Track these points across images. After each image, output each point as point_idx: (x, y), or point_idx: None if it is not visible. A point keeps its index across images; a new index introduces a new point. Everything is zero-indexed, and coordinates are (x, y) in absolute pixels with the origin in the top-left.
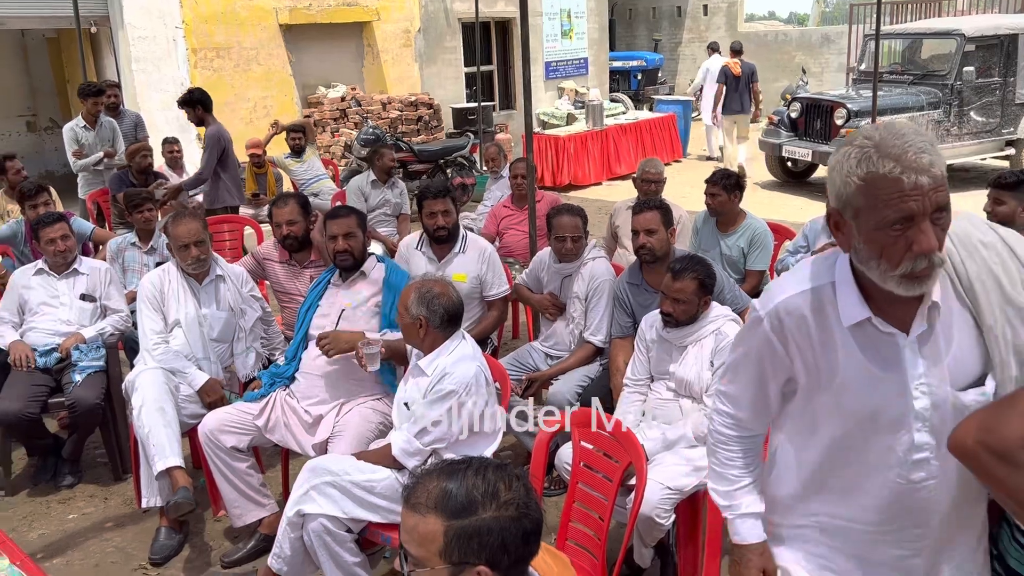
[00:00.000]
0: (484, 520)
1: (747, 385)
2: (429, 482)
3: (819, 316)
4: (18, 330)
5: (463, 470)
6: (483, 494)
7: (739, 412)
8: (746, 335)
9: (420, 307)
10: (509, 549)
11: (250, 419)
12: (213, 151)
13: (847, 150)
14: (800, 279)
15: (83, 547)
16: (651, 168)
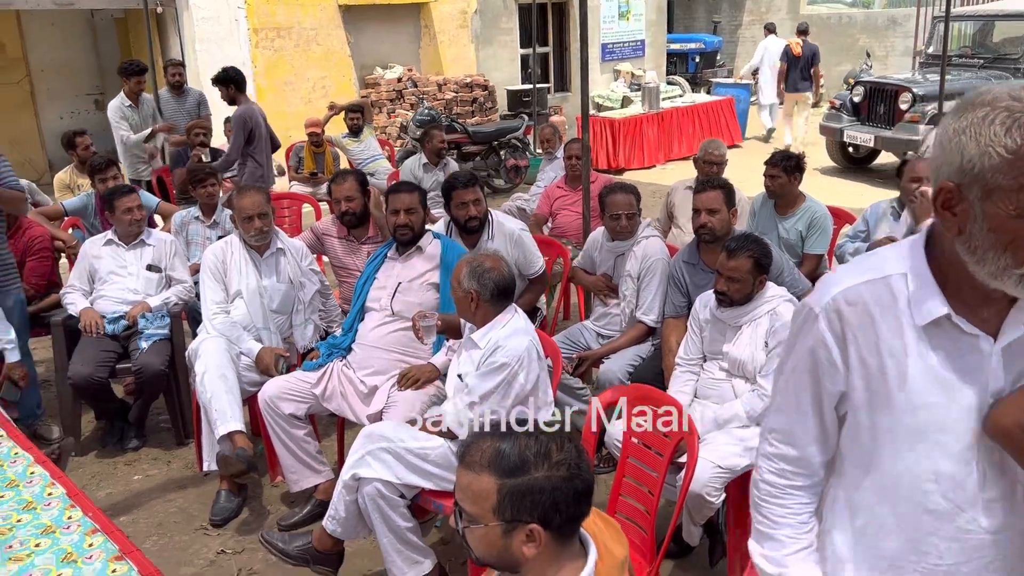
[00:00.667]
0: (536, 479)
1: (804, 411)
2: (483, 442)
3: (887, 311)
4: (88, 298)
5: (515, 432)
6: (535, 454)
7: (795, 450)
8: (796, 342)
9: (472, 281)
10: (561, 508)
11: (308, 388)
12: (239, 133)
13: (987, 112)
14: (863, 268)
15: (147, 507)
16: (713, 149)
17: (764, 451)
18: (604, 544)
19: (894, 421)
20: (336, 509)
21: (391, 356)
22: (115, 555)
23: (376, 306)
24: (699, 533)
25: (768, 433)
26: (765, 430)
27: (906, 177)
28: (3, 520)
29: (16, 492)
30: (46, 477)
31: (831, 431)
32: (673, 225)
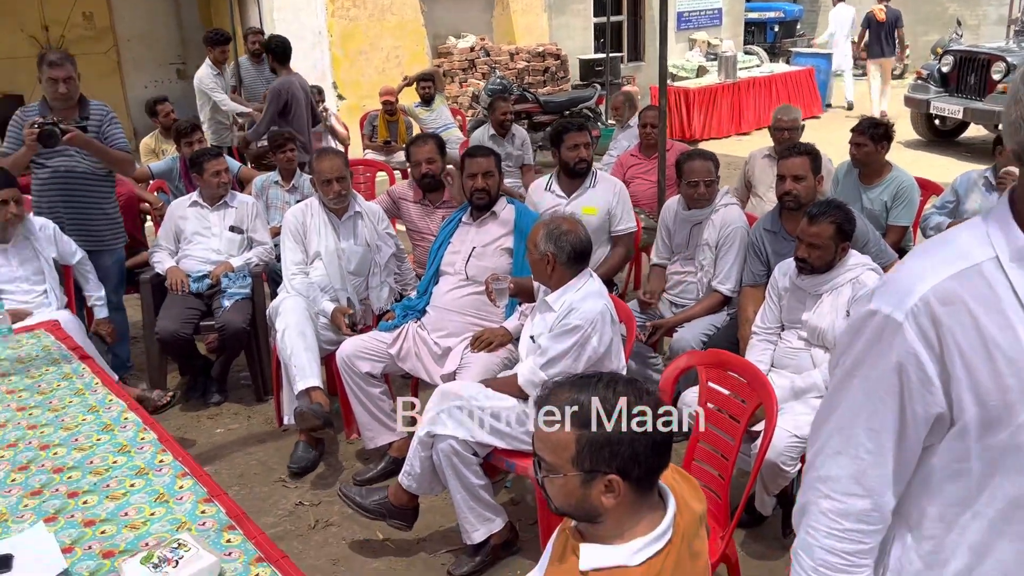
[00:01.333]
0: (609, 433)
1: (882, 448)
2: (562, 393)
3: (990, 306)
4: (174, 257)
5: (594, 383)
6: (614, 406)
7: (867, 500)
8: (866, 363)
9: (548, 243)
10: (639, 459)
11: (384, 347)
12: (272, 104)
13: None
14: (944, 257)
15: (229, 459)
16: (784, 115)
17: (820, 508)
18: (682, 498)
19: (1016, 439)
20: (411, 465)
21: (465, 319)
22: (204, 497)
23: (450, 270)
24: (772, 503)
25: (821, 484)
26: (815, 481)
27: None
28: (100, 461)
29: (111, 436)
30: (139, 423)
31: (909, 468)
32: (751, 195)
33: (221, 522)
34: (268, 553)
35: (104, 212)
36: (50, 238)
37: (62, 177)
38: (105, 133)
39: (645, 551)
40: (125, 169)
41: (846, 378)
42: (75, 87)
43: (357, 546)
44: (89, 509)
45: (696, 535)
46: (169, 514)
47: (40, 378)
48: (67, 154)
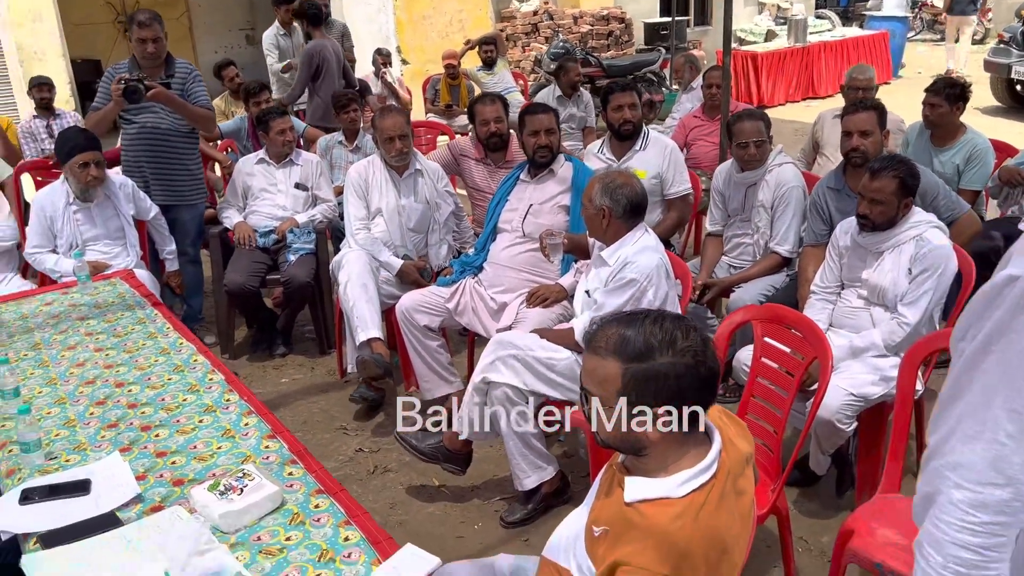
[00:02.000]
0: (661, 365)
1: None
2: (609, 328)
3: None
4: (241, 213)
5: (642, 319)
6: (660, 341)
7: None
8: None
9: (603, 197)
10: (685, 394)
11: (442, 302)
12: (304, 68)
13: None
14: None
15: (293, 407)
16: (859, 74)
17: (952, 499)
18: (728, 436)
19: None
20: (466, 411)
21: (521, 275)
22: (268, 434)
23: (508, 227)
24: (827, 462)
25: (952, 472)
26: (944, 468)
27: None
28: (171, 398)
29: (181, 376)
30: (207, 365)
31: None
32: (819, 155)
33: (283, 457)
34: (328, 486)
35: (187, 168)
36: (129, 196)
37: (148, 133)
38: (188, 90)
39: (690, 483)
40: (206, 125)
41: (980, 353)
42: (163, 47)
43: (414, 491)
44: (160, 442)
45: (742, 474)
46: (235, 448)
47: (116, 322)
48: (153, 111)
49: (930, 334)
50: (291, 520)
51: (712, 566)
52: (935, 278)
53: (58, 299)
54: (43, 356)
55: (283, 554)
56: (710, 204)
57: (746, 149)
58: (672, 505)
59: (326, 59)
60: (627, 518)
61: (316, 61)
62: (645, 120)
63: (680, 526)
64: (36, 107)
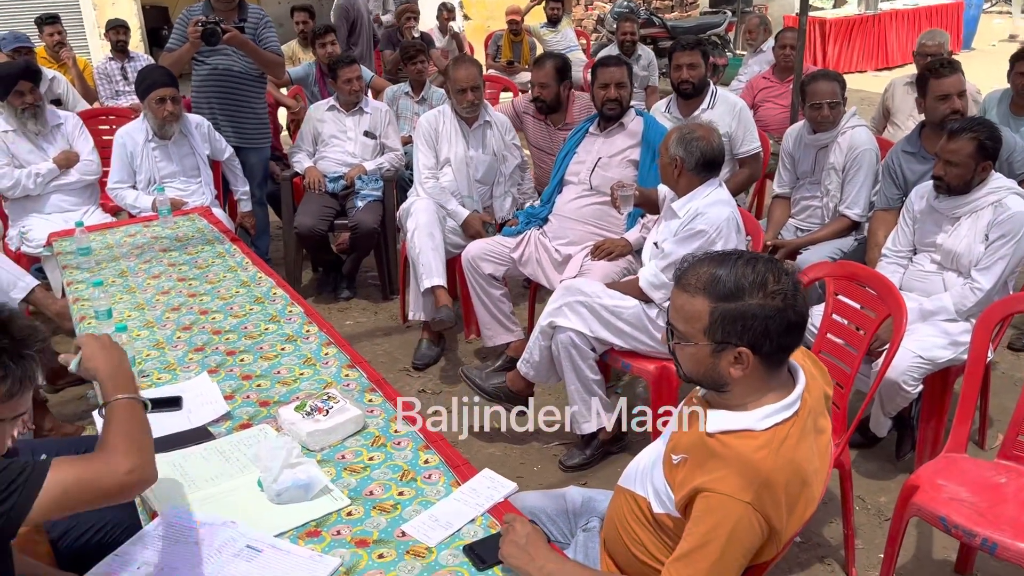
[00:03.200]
0: (750, 306)
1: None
2: (700, 267)
3: None
4: (312, 158)
5: (734, 260)
6: (751, 283)
7: None
8: None
9: (678, 148)
10: (771, 336)
11: (507, 251)
12: (341, 24)
13: None
14: None
15: (358, 347)
16: (929, 40)
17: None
18: (812, 375)
19: None
20: (531, 352)
21: (586, 228)
22: (347, 364)
23: (575, 179)
24: (888, 425)
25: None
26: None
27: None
28: (254, 327)
29: (263, 307)
30: (286, 298)
31: None
32: (889, 123)
33: (363, 385)
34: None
35: (254, 111)
36: (204, 136)
37: (220, 75)
38: (260, 36)
39: (772, 417)
40: (277, 71)
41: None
42: None
43: (475, 432)
44: (246, 366)
45: (822, 413)
46: (316, 375)
47: (197, 255)
48: (225, 53)
49: (1004, 298)
50: (373, 442)
51: (792, 497)
52: (1012, 244)
53: (140, 231)
54: (130, 283)
55: (367, 472)
56: (778, 166)
57: (819, 110)
58: (755, 437)
59: (360, 13)
60: (708, 447)
61: (352, 15)
62: None
63: (763, 456)
64: (112, 49)
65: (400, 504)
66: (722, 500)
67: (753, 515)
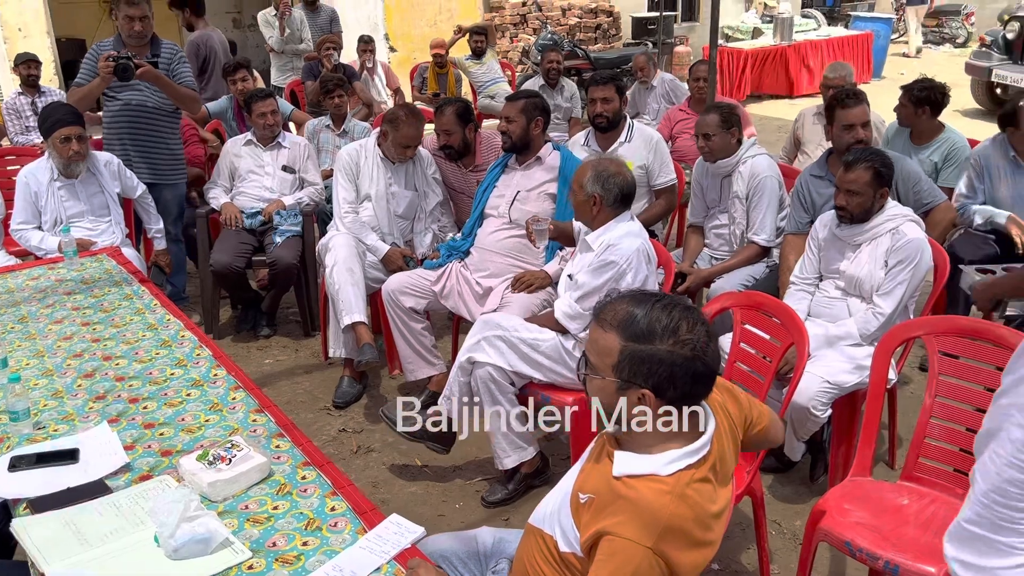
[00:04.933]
0: (658, 350)
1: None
2: (620, 304)
3: None
4: (228, 194)
5: (653, 302)
6: (663, 327)
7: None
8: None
9: (595, 185)
10: (676, 383)
11: (428, 284)
12: (191, 61)
13: None
14: None
15: (276, 387)
16: (831, 72)
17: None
18: (724, 420)
19: None
20: (450, 389)
21: (507, 261)
22: (255, 408)
23: (495, 213)
24: (802, 449)
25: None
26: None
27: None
28: (159, 372)
29: (169, 351)
30: (195, 341)
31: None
32: (799, 152)
33: (271, 430)
34: (315, 458)
35: (168, 147)
36: (114, 173)
37: (132, 111)
38: (174, 71)
39: (677, 463)
40: (191, 106)
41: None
42: (149, 25)
43: (396, 470)
44: (149, 414)
45: (730, 458)
46: (222, 421)
47: (103, 297)
48: (137, 88)
49: (902, 323)
50: (278, 490)
51: (694, 542)
52: (910, 269)
53: (44, 274)
54: (30, 329)
55: (271, 522)
56: (691, 196)
57: (707, 140)
58: (660, 482)
59: (213, 50)
60: (614, 489)
61: (203, 52)
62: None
63: (666, 502)
64: (21, 84)
65: (304, 555)
66: (624, 544)
67: (654, 560)
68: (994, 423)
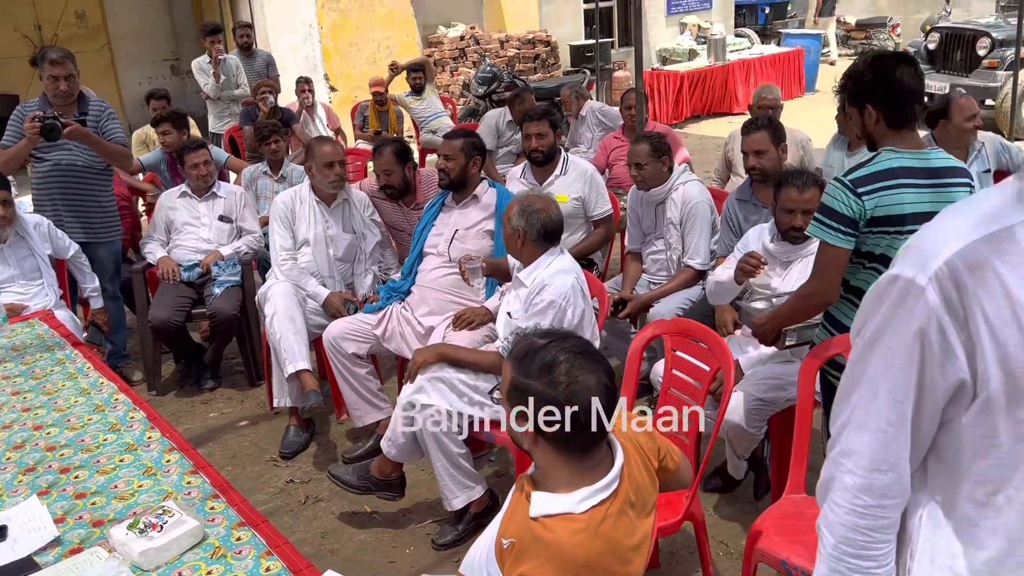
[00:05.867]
0: (533, 386)
1: (903, 418)
2: (534, 336)
3: (1022, 272)
4: (165, 247)
5: (558, 340)
6: (542, 364)
7: (889, 475)
8: (888, 330)
9: (520, 219)
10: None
11: (369, 328)
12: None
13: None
14: (974, 219)
15: (222, 440)
16: (766, 93)
17: (844, 484)
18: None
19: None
20: (394, 433)
21: (447, 299)
22: (190, 469)
23: (434, 251)
24: (743, 467)
25: (844, 459)
26: (839, 455)
27: (960, 116)
28: (91, 439)
29: (102, 416)
30: (128, 404)
31: (926, 442)
32: (732, 173)
33: (205, 492)
34: (249, 518)
35: (100, 205)
36: (44, 235)
37: (62, 171)
38: (103, 128)
39: (590, 500)
40: (122, 163)
41: (868, 348)
42: (75, 84)
43: (346, 519)
44: (80, 483)
45: (646, 487)
46: (156, 486)
47: (34, 364)
48: (66, 148)
49: (825, 340)
50: (212, 554)
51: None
52: None
53: None
54: None
55: None
56: (627, 223)
57: (639, 170)
58: (575, 520)
59: None
60: (532, 531)
61: None
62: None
63: (580, 540)
64: None
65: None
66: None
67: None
68: (828, 473)
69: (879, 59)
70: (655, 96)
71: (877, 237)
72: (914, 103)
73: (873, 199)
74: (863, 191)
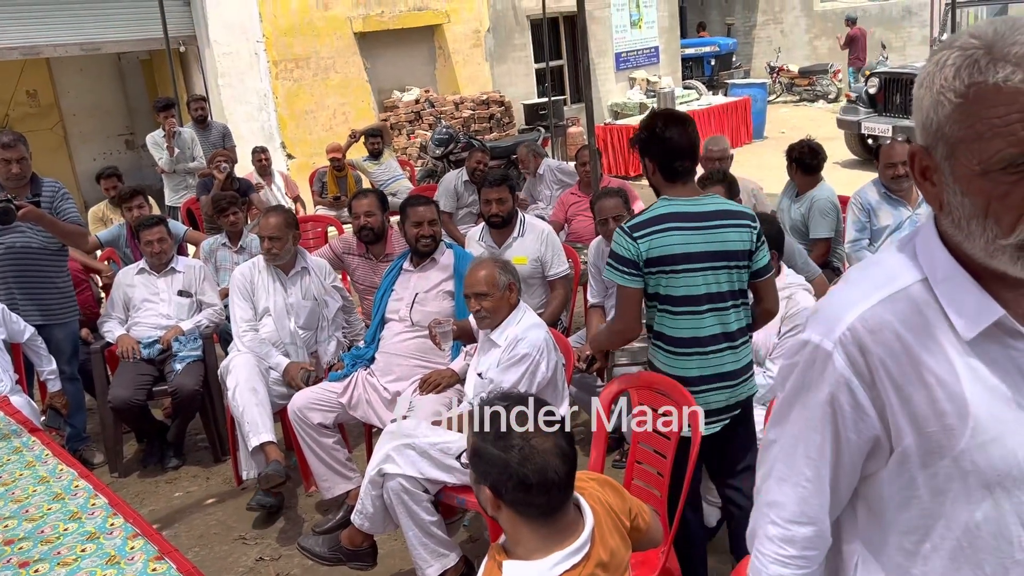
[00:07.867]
0: (488, 449)
1: (820, 475)
2: (498, 399)
3: (920, 331)
4: (124, 325)
5: (516, 403)
6: (499, 430)
7: (811, 527)
8: (801, 394)
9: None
10: (506, 487)
11: (335, 397)
12: None
13: (942, 55)
14: (870, 283)
15: (188, 520)
16: (713, 145)
17: (768, 534)
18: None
19: (960, 465)
20: (363, 504)
21: (412, 363)
22: (155, 555)
23: (395, 317)
24: (716, 514)
25: (768, 510)
26: (763, 506)
27: (881, 163)
28: (51, 529)
29: (62, 504)
30: (90, 490)
31: (845, 496)
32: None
33: None
34: None
35: (56, 286)
36: None
37: (16, 253)
38: (57, 208)
39: (562, 565)
40: (78, 242)
41: (786, 407)
42: (27, 167)
43: None
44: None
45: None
46: (120, 575)
47: None
48: (20, 230)
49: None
50: None
51: None
52: None
53: None
54: None
55: None
56: (589, 279)
57: (607, 225)
58: None
59: None
60: None
61: None
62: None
63: None
64: None
65: None
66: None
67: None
68: (754, 522)
69: (655, 118)
70: (608, 150)
71: (656, 277)
72: (684, 159)
73: (646, 241)
74: (638, 235)
